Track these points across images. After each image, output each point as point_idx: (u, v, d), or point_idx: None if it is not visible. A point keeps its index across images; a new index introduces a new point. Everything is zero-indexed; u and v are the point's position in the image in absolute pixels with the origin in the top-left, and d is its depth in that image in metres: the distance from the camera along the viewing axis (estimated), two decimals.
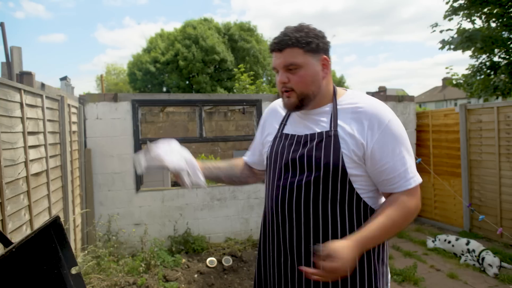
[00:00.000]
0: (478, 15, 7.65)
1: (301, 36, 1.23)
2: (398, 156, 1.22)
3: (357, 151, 1.22)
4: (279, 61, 1.27)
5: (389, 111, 1.28)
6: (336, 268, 1.08)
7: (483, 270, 3.80)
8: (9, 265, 1.08)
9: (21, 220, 2.47)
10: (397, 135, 1.24)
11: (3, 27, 5.10)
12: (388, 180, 1.23)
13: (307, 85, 1.26)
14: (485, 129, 4.84)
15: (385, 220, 1.18)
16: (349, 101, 1.30)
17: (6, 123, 2.32)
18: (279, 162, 1.35)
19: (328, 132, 1.26)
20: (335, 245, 1.11)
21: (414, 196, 1.23)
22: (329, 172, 1.23)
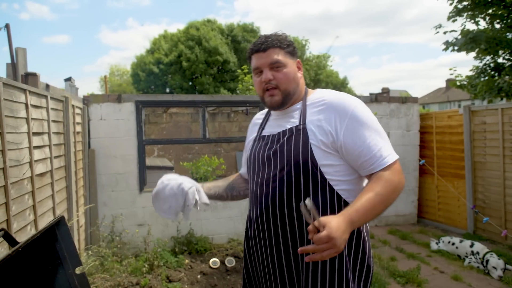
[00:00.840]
0: (482, 16, 7.62)
1: (282, 39, 1.38)
2: (369, 138, 1.26)
3: (325, 140, 1.27)
4: (264, 60, 1.36)
5: (354, 99, 1.33)
6: (329, 238, 1.04)
7: (487, 273, 3.78)
8: (15, 265, 1.08)
9: (25, 220, 2.49)
10: (365, 119, 1.28)
11: (8, 29, 5.15)
12: (365, 161, 1.26)
13: (290, 82, 1.37)
14: (489, 131, 4.81)
15: (372, 194, 1.19)
16: (317, 97, 1.39)
17: (11, 123, 2.34)
18: (256, 161, 1.43)
19: (297, 126, 1.34)
20: (324, 218, 1.09)
21: (394, 171, 1.25)
22: (299, 164, 1.28)
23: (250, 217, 1.47)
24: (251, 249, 1.48)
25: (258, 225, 1.40)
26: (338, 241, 1.06)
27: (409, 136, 5.83)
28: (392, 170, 1.25)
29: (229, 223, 4.97)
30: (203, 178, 5.75)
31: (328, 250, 1.06)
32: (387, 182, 1.22)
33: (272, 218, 1.34)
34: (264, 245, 1.39)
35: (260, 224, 1.39)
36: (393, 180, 1.23)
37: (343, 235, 1.08)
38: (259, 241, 1.42)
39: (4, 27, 5.14)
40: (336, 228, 1.06)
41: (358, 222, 1.16)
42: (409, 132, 5.83)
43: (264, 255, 1.40)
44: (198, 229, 4.80)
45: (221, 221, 4.94)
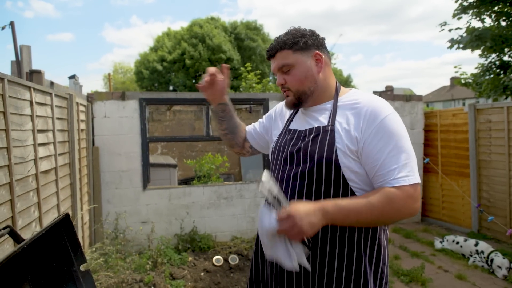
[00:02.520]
0: (488, 13, 7.55)
1: (287, 39, 1.33)
2: (391, 153, 1.18)
3: (351, 146, 1.22)
4: (274, 66, 1.38)
5: (388, 107, 1.26)
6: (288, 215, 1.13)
7: (492, 272, 3.76)
8: (21, 262, 1.09)
9: (30, 217, 2.50)
10: (393, 131, 1.20)
11: (13, 26, 5.15)
12: (378, 176, 1.19)
13: (301, 82, 1.33)
14: (494, 129, 4.78)
15: (362, 201, 1.17)
16: (349, 98, 1.33)
17: (16, 121, 2.34)
18: (280, 156, 1.42)
19: (325, 127, 1.30)
20: (294, 205, 1.17)
21: (405, 193, 1.15)
22: (322, 166, 1.25)
23: None
24: None
25: None
26: (298, 220, 1.12)
27: (413, 134, 5.80)
28: (402, 192, 1.15)
29: (232, 221, 4.97)
30: (207, 175, 5.75)
31: (290, 228, 1.13)
32: (387, 199, 1.15)
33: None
34: None
35: None
36: (395, 202, 1.14)
37: (306, 216, 1.13)
38: None
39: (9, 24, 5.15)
40: (299, 208, 1.14)
41: (333, 216, 1.16)
42: (413, 131, 5.80)
43: None
44: (201, 226, 4.81)
45: (224, 219, 4.94)
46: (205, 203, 4.87)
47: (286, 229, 1.14)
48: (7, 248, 2.10)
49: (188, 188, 4.87)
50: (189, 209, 4.80)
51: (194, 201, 4.83)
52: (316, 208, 1.16)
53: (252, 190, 5.03)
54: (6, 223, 2.10)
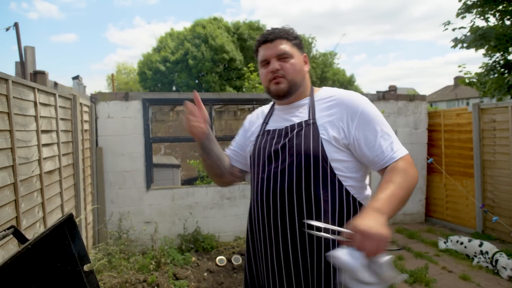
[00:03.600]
0: (492, 12, 7.51)
1: (289, 31, 1.40)
2: (380, 133, 1.28)
3: (337, 136, 1.29)
4: (271, 51, 1.37)
5: (362, 97, 1.36)
6: (365, 235, 1.00)
7: (496, 273, 3.74)
8: (25, 262, 1.09)
9: (34, 217, 2.51)
10: (374, 116, 1.31)
11: (17, 28, 5.19)
12: (377, 156, 1.27)
13: (297, 73, 1.37)
14: (499, 129, 4.75)
15: (391, 184, 1.17)
16: (324, 94, 1.41)
17: (20, 121, 2.35)
18: (262, 156, 1.41)
19: (307, 121, 1.34)
20: (351, 225, 1.04)
21: (407, 162, 1.26)
22: (310, 158, 1.27)
23: (255, 212, 1.42)
24: (256, 245, 1.44)
25: (264, 220, 1.37)
26: (375, 230, 1.00)
27: (417, 134, 5.78)
28: (405, 161, 1.26)
29: (235, 221, 4.97)
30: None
31: (375, 243, 1.00)
32: (403, 172, 1.22)
33: (280, 213, 1.32)
34: (270, 240, 1.36)
35: (266, 219, 1.36)
36: (408, 170, 1.23)
37: (374, 223, 1.02)
38: (264, 236, 1.38)
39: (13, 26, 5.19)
40: (364, 223, 1.02)
41: (384, 209, 1.10)
42: (417, 130, 5.78)
43: (270, 250, 1.37)
44: (204, 227, 4.81)
45: (227, 219, 4.94)
46: (208, 203, 4.87)
47: (373, 246, 1.00)
48: (11, 248, 2.11)
49: (191, 188, 4.88)
50: (192, 209, 4.81)
51: (197, 201, 4.84)
52: (370, 212, 1.08)
53: None
54: (10, 223, 2.11)
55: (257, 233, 1.43)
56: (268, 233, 1.37)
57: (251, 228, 1.48)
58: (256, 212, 1.41)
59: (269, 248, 1.38)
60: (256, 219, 1.42)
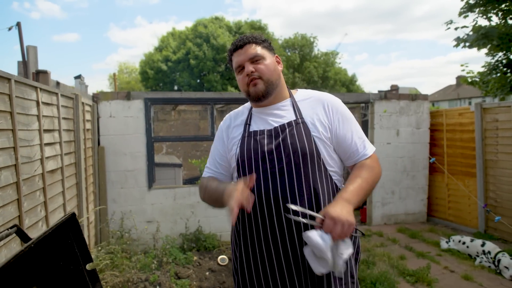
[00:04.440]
0: (495, 12, 7.48)
1: (257, 36, 1.47)
2: (355, 133, 1.43)
3: (325, 133, 1.39)
4: (244, 56, 1.42)
5: (337, 98, 1.49)
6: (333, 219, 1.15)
7: (499, 272, 3.73)
8: (28, 260, 1.09)
9: (37, 216, 2.52)
10: (350, 116, 1.46)
11: (20, 27, 5.20)
12: (352, 153, 1.42)
13: (272, 72, 1.42)
14: (501, 129, 4.73)
15: (359, 179, 1.34)
16: (302, 95, 1.50)
17: (23, 120, 2.36)
18: (254, 157, 1.40)
19: (296, 120, 1.40)
20: (323, 210, 1.21)
21: (374, 160, 1.44)
22: (307, 156, 1.34)
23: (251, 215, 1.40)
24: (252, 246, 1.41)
25: (265, 220, 1.36)
26: (343, 217, 1.16)
27: (419, 133, 5.76)
28: (372, 159, 1.43)
29: None
30: None
31: (342, 227, 1.15)
32: (370, 168, 1.39)
33: (284, 211, 1.32)
34: (274, 240, 1.36)
35: (268, 219, 1.36)
36: (375, 167, 1.41)
37: (342, 210, 1.18)
38: (265, 236, 1.37)
39: (16, 25, 5.20)
40: (334, 209, 1.18)
41: (352, 200, 1.26)
42: (419, 130, 5.77)
43: (274, 250, 1.36)
44: (206, 226, 4.81)
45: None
46: None
47: (340, 230, 1.16)
48: (14, 247, 2.12)
49: (193, 187, 4.88)
50: (194, 208, 4.81)
51: (199, 200, 4.84)
52: (341, 201, 1.23)
53: None
54: (13, 222, 2.12)
55: (255, 234, 1.40)
56: (271, 233, 1.36)
57: (244, 230, 1.44)
58: (254, 213, 1.39)
59: (272, 248, 1.37)
60: (254, 220, 1.40)
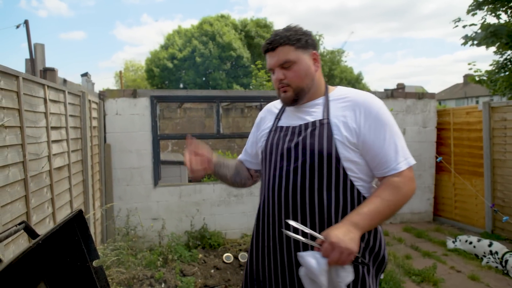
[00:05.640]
0: (504, 9, 7.39)
1: (291, 35, 1.33)
2: (389, 141, 1.28)
3: (350, 137, 1.28)
4: (274, 61, 1.36)
5: (378, 100, 1.35)
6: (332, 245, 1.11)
7: (506, 273, 3.70)
8: (36, 257, 1.10)
9: (44, 213, 2.54)
10: (387, 120, 1.30)
11: (27, 25, 5.24)
12: (381, 164, 1.28)
13: (302, 79, 1.35)
14: (509, 128, 4.68)
15: (378, 200, 1.23)
16: (339, 93, 1.40)
17: (30, 118, 2.38)
18: (274, 153, 1.40)
19: (321, 120, 1.33)
20: (324, 232, 1.17)
21: (406, 177, 1.27)
22: (323, 158, 1.28)
23: (265, 209, 1.42)
24: (262, 241, 1.44)
25: (275, 218, 1.37)
26: (342, 243, 1.11)
27: (426, 132, 5.72)
28: (404, 177, 1.26)
29: (242, 218, 4.98)
30: None
31: (339, 255, 1.12)
32: (396, 189, 1.25)
33: (292, 212, 1.32)
34: (280, 238, 1.35)
35: (277, 217, 1.36)
36: (402, 188, 1.25)
37: (345, 236, 1.13)
38: (273, 233, 1.38)
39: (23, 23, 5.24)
40: (335, 233, 1.13)
41: (362, 224, 1.19)
42: (425, 129, 5.72)
43: (279, 248, 1.36)
44: (211, 224, 4.83)
45: (234, 216, 4.95)
46: (215, 200, 4.89)
47: (337, 257, 1.12)
48: (22, 243, 2.14)
49: (198, 185, 4.89)
50: (199, 206, 4.83)
51: (204, 198, 4.85)
52: (347, 225, 1.17)
53: None
54: (21, 218, 2.14)
55: (265, 229, 1.43)
56: (278, 231, 1.36)
57: (257, 224, 1.47)
58: (266, 209, 1.41)
59: (278, 246, 1.37)
60: (265, 216, 1.42)
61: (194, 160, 1.45)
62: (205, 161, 1.48)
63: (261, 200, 1.47)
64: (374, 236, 1.34)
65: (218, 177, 1.60)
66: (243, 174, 1.64)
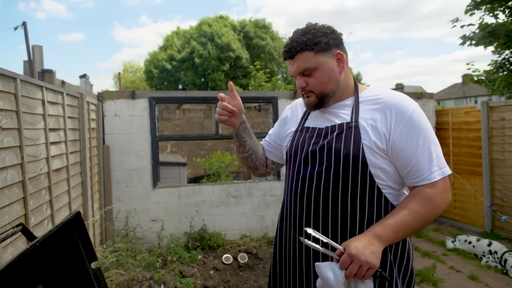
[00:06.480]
0: (502, 9, 7.41)
1: (308, 39, 1.24)
2: (422, 148, 1.18)
3: (379, 143, 1.19)
4: (294, 69, 1.30)
5: (412, 102, 1.25)
6: (350, 257, 1.07)
7: (505, 273, 3.70)
8: (33, 259, 1.10)
9: (42, 214, 2.53)
10: (421, 125, 1.20)
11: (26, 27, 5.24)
12: (412, 172, 1.19)
13: (325, 84, 1.28)
14: (508, 127, 4.69)
15: (405, 211, 1.15)
16: (370, 94, 1.30)
17: (29, 120, 2.37)
18: (299, 154, 1.35)
19: (349, 123, 1.25)
20: (345, 242, 1.12)
21: (439, 189, 1.17)
22: (349, 164, 1.20)
23: (288, 212, 1.37)
24: (285, 244, 1.39)
25: (296, 222, 1.33)
26: (362, 256, 1.06)
27: None
28: (437, 188, 1.17)
29: (241, 219, 4.98)
30: (216, 174, 5.77)
31: (358, 268, 1.07)
32: (427, 201, 1.16)
33: (313, 217, 1.27)
34: (298, 244, 1.31)
35: (298, 221, 1.32)
36: (434, 200, 1.16)
37: (366, 249, 1.08)
38: (294, 236, 1.33)
39: (22, 25, 5.24)
40: (355, 245, 1.08)
41: (386, 237, 1.13)
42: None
43: (298, 252, 1.33)
44: (211, 225, 4.82)
45: (233, 217, 4.95)
46: (215, 201, 4.88)
47: (355, 270, 1.07)
48: (20, 245, 2.13)
49: (197, 186, 4.89)
50: (198, 207, 4.82)
51: (203, 199, 4.85)
52: (369, 236, 1.12)
53: (261, 188, 5.02)
54: (19, 221, 2.14)
55: (287, 232, 1.38)
56: (299, 235, 1.31)
57: (280, 226, 1.44)
58: (289, 212, 1.37)
59: (298, 251, 1.32)
60: (288, 219, 1.38)
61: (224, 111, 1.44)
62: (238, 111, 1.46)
63: (284, 201, 1.43)
64: (402, 248, 1.27)
65: (238, 140, 1.51)
66: (261, 156, 1.58)
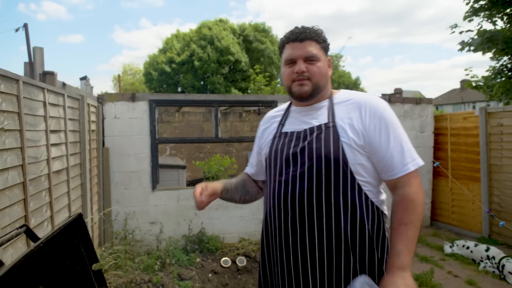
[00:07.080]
0: (500, 16, 7.47)
1: (319, 33, 1.36)
2: (394, 143, 1.27)
3: (357, 139, 1.26)
4: (300, 52, 1.33)
5: (382, 101, 1.34)
6: None
7: (503, 278, 3.71)
8: (35, 260, 1.10)
9: (42, 216, 2.53)
10: (392, 122, 1.30)
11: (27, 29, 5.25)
12: (388, 166, 1.27)
13: (322, 76, 1.36)
14: (506, 133, 4.72)
15: (403, 228, 1.21)
16: (343, 96, 1.39)
17: (30, 121, 2.38)
18: (279, 158, 1.37)
19: (327, 124, 1.31)
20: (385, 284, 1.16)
21: (416, 186, 1.25)
22: (331, 162, 1.25)
23: (272, 216, 1.38)
24: (272, 249, 1.40)
25: (281, 224, 1.34)
26: None
27: (423, 137, 5.75)
28: (414, 186, 1.25)
29: (240, 222, 4.98)
30: (215, 177, 5.77)
31: None
32: (411, 204, 1.23)
33: (299, 218, 1.29)
34: (286, 245, 1.32)
35: (284, 223, 1.33)
36: (416, 200, 1.23)
37: (401, 283, 1.13)
38: (280, 240, 1.34)
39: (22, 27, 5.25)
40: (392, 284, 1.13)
41: (406, 262, 1.18)
42: (423, 134, 5.75)
43: (285, 255, 1.33)
44: (209, 228, 4.82)
45: (232, 220, 4.95)
46: (213, 204, 4.88)
47: None
48: (20, 247, 2.14)
49: None
50: (197, 210, 4.81)
51: None
52: (396, 272, 1.16)
53: None
54: (19, 222, 2.14)
55: (273, 237, 1.39)
56: (285, 238, 1.33)
57: (266, 232, 1.44)
58: (273, 216, 1.37)
59: (285, 254, 1.34)
60: (272, 223, 1.38)
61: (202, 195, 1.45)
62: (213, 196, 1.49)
63: (266, 208, 1.43)
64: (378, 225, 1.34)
65: (226, 200, 1.59)
66: (252, 189, 1.63)
